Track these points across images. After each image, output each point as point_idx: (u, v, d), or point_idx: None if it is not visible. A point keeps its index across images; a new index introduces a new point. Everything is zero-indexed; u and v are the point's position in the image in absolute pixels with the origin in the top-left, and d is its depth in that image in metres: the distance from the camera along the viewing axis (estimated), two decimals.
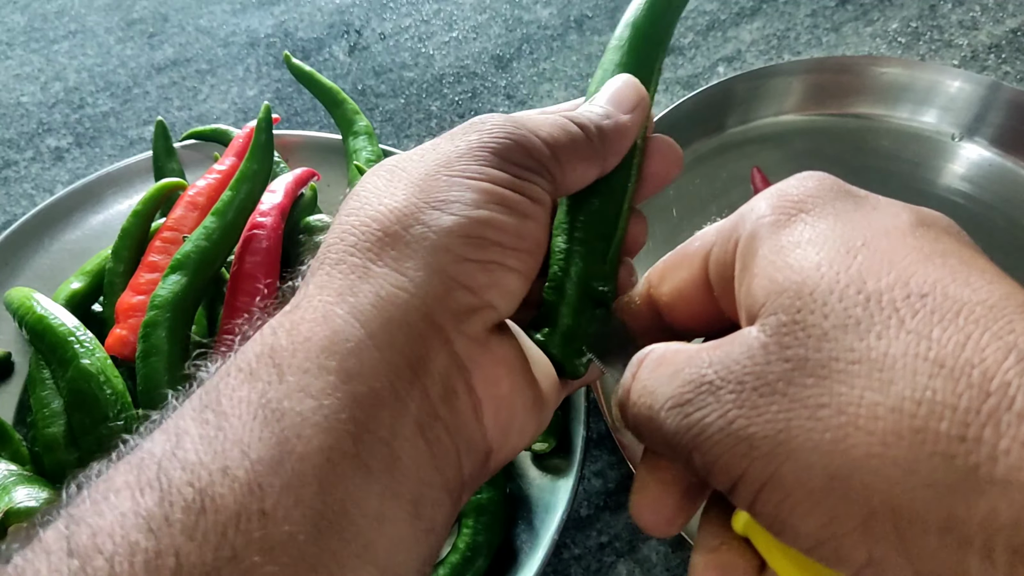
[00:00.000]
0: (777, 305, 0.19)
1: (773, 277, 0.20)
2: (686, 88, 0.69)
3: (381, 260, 0.23)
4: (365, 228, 0.23)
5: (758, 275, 0.20)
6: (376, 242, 0.23)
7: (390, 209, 0.23)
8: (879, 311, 0.18)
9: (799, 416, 0.18)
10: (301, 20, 0.78)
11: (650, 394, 0.21)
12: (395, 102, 0.70)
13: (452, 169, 0.24)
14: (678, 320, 0.25)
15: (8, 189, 0.64)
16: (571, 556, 0.44)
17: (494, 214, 0.24)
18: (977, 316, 0.17)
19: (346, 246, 0.23)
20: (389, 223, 0.23)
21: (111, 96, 0.72)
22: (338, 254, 0.23)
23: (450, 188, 0.24)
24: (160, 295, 0.41)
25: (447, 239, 0.23)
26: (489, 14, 0.77)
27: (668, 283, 0.25)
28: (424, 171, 0.25)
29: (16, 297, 0.47)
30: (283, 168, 0.55)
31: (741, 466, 0.18)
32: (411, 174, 0.25)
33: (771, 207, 0.21)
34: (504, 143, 0.25)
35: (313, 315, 0.22)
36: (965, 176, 0.59)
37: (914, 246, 0.19)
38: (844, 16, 0.74)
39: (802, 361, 0.18)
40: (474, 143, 0.25)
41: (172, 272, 0.42)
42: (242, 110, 0.70)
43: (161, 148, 0.57)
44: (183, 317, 0.41)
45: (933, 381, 0.16)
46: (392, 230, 0.23)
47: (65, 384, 0.42)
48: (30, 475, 0.40)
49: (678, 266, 0.25)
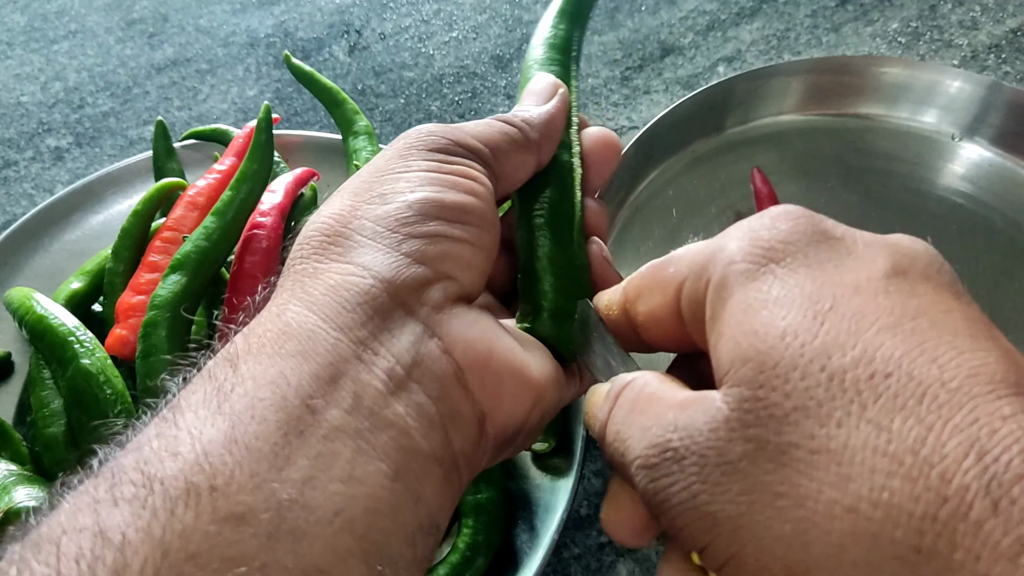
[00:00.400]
0: (741, 376, 0.19)
1: (739, 342, 0.19)
2: (686, 88, 0.69)
3: (327, 258, 0.23)
4: (310, 239, 0.24)
5: (725, 335, 0.20)
6: (319, 245, 0.24)
7: (329, 215, 0.25)
8: (841, 394, 0.17)
9: (760, 501, 0.18)
10: (301, 20, 0.78)
11: (622, 442, 0.21)
12: (395, 102, 0.70)
13: (384, 170, 0.26)
14: (651, 338, 0.25)
15: (8, 189, 0.64)
16: (571, 556, 0.44)
17: (429, 193, 0.25)
18: (941, 402, 0.16)
19: (297, 259, 0.24)
20: (328, 228, 0.24)
21: (111, 96, 0.72)
22: (291, 266, 0.24)
23: (383, 183, 0.25)
24: (160, 295, 0.41)
25: (387, 222, 0.24)
26: (489, 14, 0.77)
27: (643, 304, 0.25)
28: (359, 179, 0.26)
29: (16, 297, 0.47)
30: (283, 168, 0.55)
31: (705, 539, 0.18)
32: (348, 185, 0.26)
33: (742, 252, 0.21)
34: (432, 140, 0.27)
35: (267, 316, 0.22)
36: (965, 176, 0.59)
37: (885, 307, 0.19)
38: (844, 16, 0.74)
39: (763, 443, 0.18)
40: (402, 147, 0.27)
41: (172, 272, 0.42)
42: (242, 110, 0.70)
43: (161, 148, 0.57)
44: (183, 317, 0.41)
45: (891, 481, 0.16)
46: (333, 230, 0.24)
47: (65, 384, 0.42)
48: (30, 475, 0.40)
49: (652, 290, 0.24)
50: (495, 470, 0.41)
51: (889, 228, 0.65)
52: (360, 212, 0.24)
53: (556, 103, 0.30)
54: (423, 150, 0.26)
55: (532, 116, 0.29)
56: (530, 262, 0.29)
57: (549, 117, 0.30)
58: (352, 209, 0.24)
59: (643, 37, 0.74)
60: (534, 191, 0.30)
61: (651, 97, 0.68)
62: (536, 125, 0.29)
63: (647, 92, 0.69)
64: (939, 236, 0.55)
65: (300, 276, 0.24)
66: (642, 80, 0.70)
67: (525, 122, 0.29)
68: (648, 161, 0.60)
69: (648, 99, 0.68)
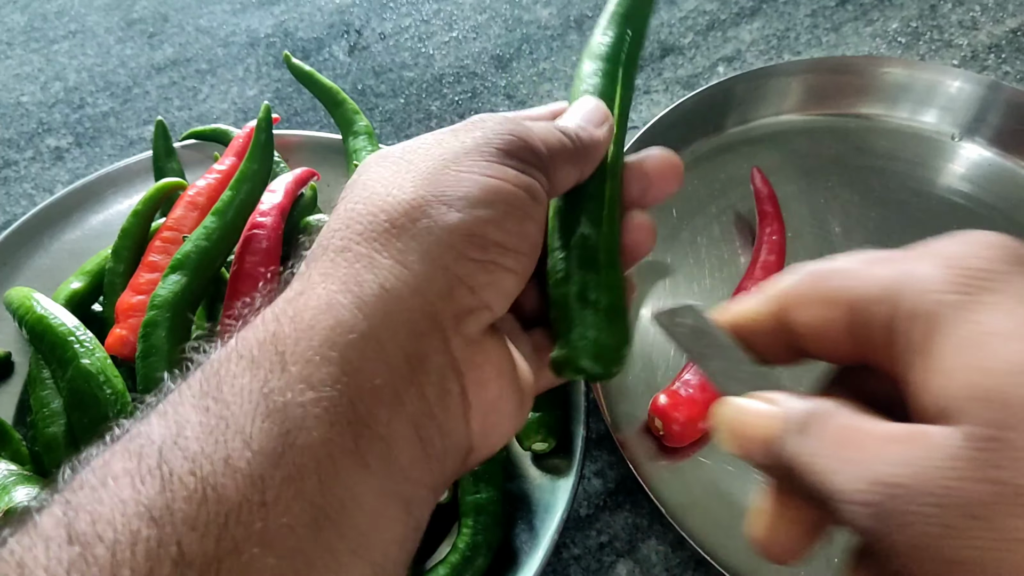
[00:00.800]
0: (979, 416, 0.18)
1: (970, 379, 0.18)
2: (686, 88, 0.69)
3: (386, 251, 0.23)
4: (372, 218, 0.23)
5: (946, 370, 0.19)
6: (383, 233, 0.23)
7: (399, 201, 0.24)
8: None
9: (1006, 548, 0.17)
10: (301, 20, 0.78)
11: (823, 474, 0.20)
12: (395, 102, 0.70)
13: (460, 165, 0.25)
14: (814, 350, 0.24)
15: (8, 189, 0.64)
16: (571, 556, 0.44)
17: (497, 213, 0.24)
18: None
19: (352, 234, 0.23)
20: (396, 215, 0.23)
21: (111, 96, 0.72)
22: (343, 241, 0.23)
23: (458, 184, 0.24)
24: (160, 295, 0.41)
25: (452, 236, 0.23)
26: (489, 14, 0.77)
27: (803, 315, 0.23)
28: (431, 165, 0.25)
29: (16, 297, 0.47)
30: (283, 168, 0.55)
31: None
32: (418, 167, 0.25)
33: (948, 282, 0.20)
34: (509, 140, 0.26)
35: (317, 303, 0.22)
36: (965, 176, 0.59)
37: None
38: (844, 16, 0.74)
39: (1006, 486, 0.17)
40: (480, 139, 0.26)
41: (172, 272, 0.42)
42: (242, 110, 0.70)
43: (161, 148, 0.57)
44: (183, 317, 0.41)
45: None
46: (399, 222, 0.23)
47: (65, 384, 0.42)
48: (30, 475, 0.40)
49: (814, 302, 0.23)
50: (495, 470, 0.41)
51: (889, 228, 0.65)
52: (431, 211, 0.23)
53: (605, 131, 0.30)
54: (499, 151, 0.25)
55: (584, 135, 0.29)
56: (565, 298, 0.28)
57: (598, 142, 0.29)
58: (423, 203, 0.23)
59: None
60: (570, 206, 0.29)
61: (651, 97, 0.68)
62: (586, 144, 0.29)
63: (647, 92, 0.69)
64: (939, 236, 0.55)
65: (355, 260, 0.23)
66: (642, 80, 0.70)
67: (579, 137, 0.28)
68: None
69: (648, 99, 0.68)
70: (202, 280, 0.43)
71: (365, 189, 0.25)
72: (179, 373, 0.22)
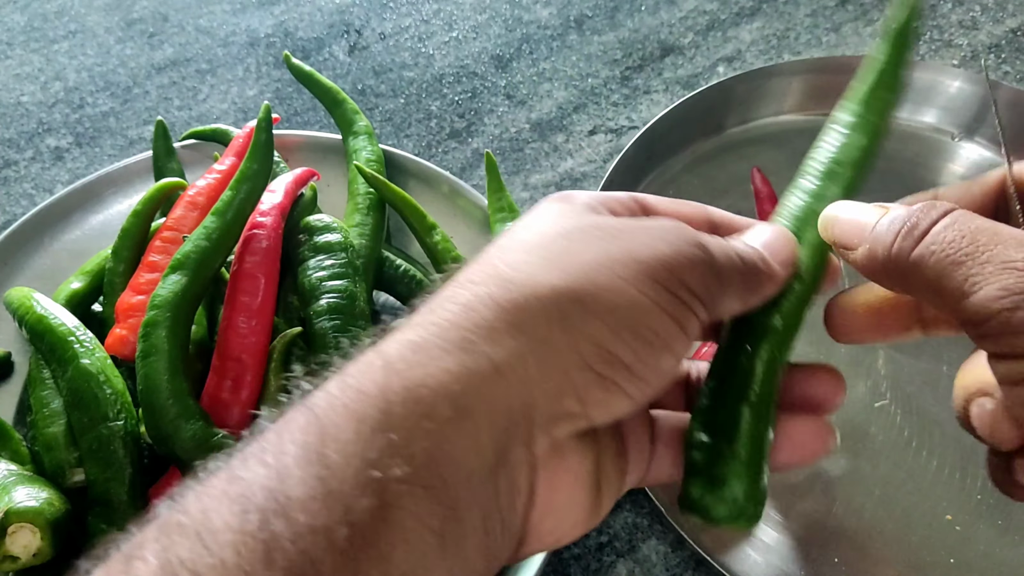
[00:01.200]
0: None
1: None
2: (686, 88, 0.69)
3: (511, 332, 0.22)
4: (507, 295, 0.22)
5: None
6: (514, 311, 0.22)
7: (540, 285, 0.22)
8: None
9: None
10: (301, 20, 0.78)
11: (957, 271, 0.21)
12: (395, 102, 0.70)
13: (619, 270, 0.23)
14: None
15: (8, 189, 0.64)
16: (571, 556, 0.44)
17: (637, 338, 0.22)
18: None
19: (484, 303, 0.22)
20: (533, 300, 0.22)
21: (111, 96, 0.72)
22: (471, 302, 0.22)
23: (609, 291, 0.22)
24: (160, 295, 0.41)
25: (583, 343, 0.22)
26: (489, 14, 0.77)
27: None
28: (590, 259, 0.23)
29: (16, 297, 0.47)
30: (283, 168, 0.55)
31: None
32: (575, 257, 0.23)
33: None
34: (684, 260, 0.23)
35: (428, 362, 0.21)
36: (965, 176, 0.59)
37: None
38: (844, 16, 0.74)
39: None
40: (654, 250, 0.23)
41: (172, 272, 0.42)
42: (242, 110, 0.70)
43: (161, 148, 0.57)
44: (183, 317, 0.41)
45: None
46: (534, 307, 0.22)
47: (65, 384, 0.42)
48: (30, 475, 0.40)
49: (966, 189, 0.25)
50: None
51: None
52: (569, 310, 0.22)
53: (785, 272, 0.27)
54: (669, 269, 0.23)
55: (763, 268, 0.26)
56: (712, 430, 0.26)
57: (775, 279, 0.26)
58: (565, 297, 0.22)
59: (643, 37, 0.74)
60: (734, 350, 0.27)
61: (651, 97, 0.68)
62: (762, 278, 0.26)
63: (647, 92, 0.69)
64: None
65: (476, 329, 0.21)
66: (642, 80, 0.70)
67: (756, 268, 0.26)
68: (648, 161, 0.60)
69: (648, 99, 0.68)
70: (202, 280, 0.43)
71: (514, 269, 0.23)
72: (276, 407, 0.22)
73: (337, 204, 0.54)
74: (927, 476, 0.46)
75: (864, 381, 0.50)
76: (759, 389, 0.26)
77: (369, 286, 0.48)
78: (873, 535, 0.44)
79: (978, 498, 0.45)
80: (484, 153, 0.55)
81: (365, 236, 0.50)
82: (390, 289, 0.52)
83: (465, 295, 0.22)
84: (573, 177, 0.63)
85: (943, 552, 0.43)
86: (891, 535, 0.44)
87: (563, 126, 0.67)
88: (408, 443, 0.19)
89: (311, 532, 0.18)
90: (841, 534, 0.44)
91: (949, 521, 0.44)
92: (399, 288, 0.51)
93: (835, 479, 0.46)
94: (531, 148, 0.65)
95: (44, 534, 0.36)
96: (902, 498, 0.45)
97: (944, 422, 0.48)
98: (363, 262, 0.48)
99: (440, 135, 0.67)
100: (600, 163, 0.64)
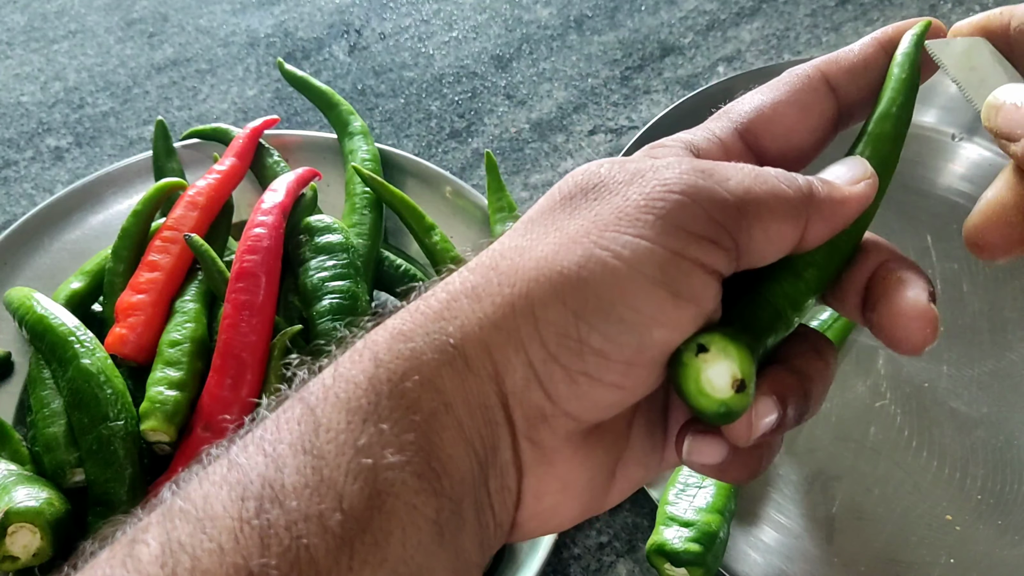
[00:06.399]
0: None
1: None
2: (686, 88, 0.69)
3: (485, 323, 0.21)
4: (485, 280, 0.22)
5: None
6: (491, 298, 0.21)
7: (516, 268, 0.21)
8: None
9: None
10: (301, 20, 0.78)
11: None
12: (395, 102, 0.70)
13: (596, 235, 0.20)
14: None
15: (8, 189, 0.64)
16: (571, 556, 0.44)
17: (607, 320, 0.20)
18: None
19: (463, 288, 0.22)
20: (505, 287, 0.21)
21: (111, 96, 0.72)
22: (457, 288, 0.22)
23: (580, 262, 0.20)
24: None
25: (545, 330, 0.20)
26: (489, 14, 0.77)
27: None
28: (574, 226, 0.21)
29: (16, 297, 0.47)
30: (284, 168, 0.55)
31: None
32: (558, 231, 0.21)
33: None
34: (683, 197, 0.20)
35: (411, 353, 0.21)
36: (965, 176, 0.59)
37: None
38: (844, 16, 0.74)
39: None
40: (639, 198, 0.21)
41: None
42: (242, 110, 0.70)
43: (161, 148, 0.57)
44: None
45: None
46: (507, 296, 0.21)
47: (65, 384, 0.42)
48: (30, 475, 0.40)
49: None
50: None
51: (889, 228, 0.65)
52: (535, 294, 0.20)
53: (859, 191, 0.23)
54: (658, 217, 0.20)
55: (817, 188, 0.22)
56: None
57: (843, 199, 0.23)
58: (534, 279, 0.20)
59: (643, 37, 0.74)
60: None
61: (651, 97, 0.68)
62: (819, 200, 0.22)
63: (647, 92, 0.69)
64: (939, 236, 0.55)
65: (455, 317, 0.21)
66: (642, 80, 0.70)
67: (806, 189, 0.22)
68: None
69: (648, 99, 0.68)
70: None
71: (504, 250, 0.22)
72: (274, 394, 0.22)
73: (337, 204, 0.54)
74: (927, 476, 0.46)
75: (864, 381, 0.50)
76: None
77: (369, 286, 0.48)
78: (872, 535, 0.44)
79: (978, 498, 0.45)
80: (484, 153, 0.55)
81: (363, 235, 0.50)
82: (390, 289, 0.52)
83: (454, 284, 0.22)
84: None
85: (943, 552, 0.43)
86: (890, 535, 0.44)
87: (563, 126, 0.67)
88: (398, 434, 0.20)
89: (304, 519, 0.18)
90: (841, 534, 0.44)
91: (949, 521, 0.44)
92: (399, 288, 0.51)
93: (834, 479, 0.46)
94: (531, 148, 0.65)
95: (44, 534, 0.36)
96: (901, 498, 0.45)
97: (944, 422, 0.48)
98: (363, 262, 0.48)
99: (440, 135, 0.67)
100: None
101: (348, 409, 0.20)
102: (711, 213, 0.21)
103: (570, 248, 0.20)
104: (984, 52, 0.24)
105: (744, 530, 0.44)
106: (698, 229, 0.20)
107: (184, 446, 0.41)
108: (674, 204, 0.20)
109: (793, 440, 0.48)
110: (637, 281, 0.20)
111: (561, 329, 0.20)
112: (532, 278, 0.21)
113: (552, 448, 0.22)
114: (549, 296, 0.20)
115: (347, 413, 0.20)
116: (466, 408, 0.21)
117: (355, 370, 0.21)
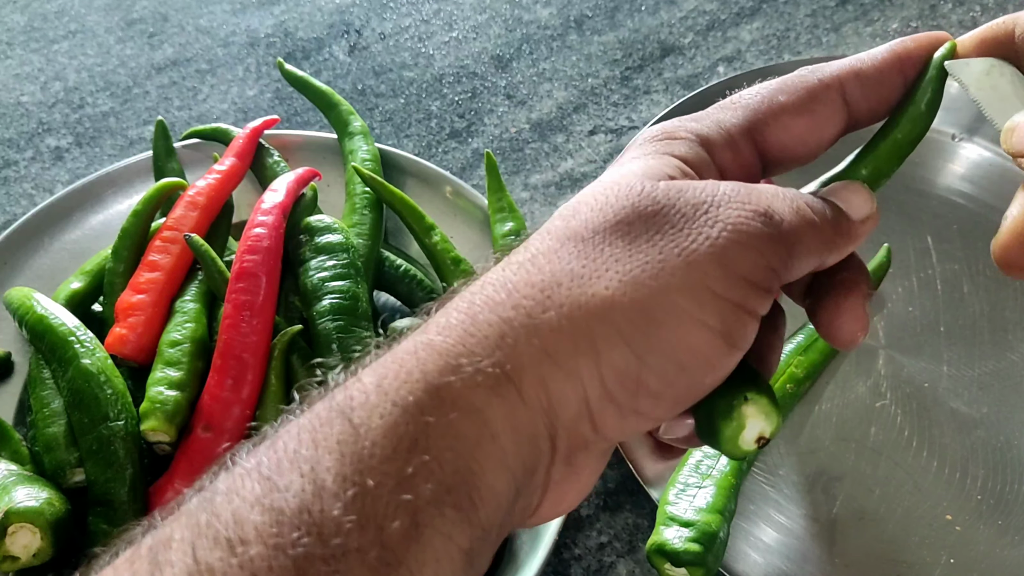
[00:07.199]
0: None
1: None
2: (686, 88, 0.69)
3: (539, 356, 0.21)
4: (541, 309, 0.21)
5: None
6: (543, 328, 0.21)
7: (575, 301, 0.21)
8: None
9: None
10: (301, 20, 0.78)
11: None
12: (395, 102, 0.70)
13: (658, 278, 0.21)
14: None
15: (8, 189, 0.64)
16: (571, 556, 0.44)
17: (668, 363, 0.21)
18: None
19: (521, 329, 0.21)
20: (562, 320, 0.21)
21: (111, 96, 0.72)
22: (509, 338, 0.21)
23: (644, 305, 0.20)
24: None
25: (606, 372, 0.21)
26: (489, 14, 0.77)
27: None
28: (635, 272, 0.21)
29: (16, 297, 0.47)
30: (284, 168, 0.55)
31: None
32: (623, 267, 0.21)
33: None
34: (746, 245, 0.21)
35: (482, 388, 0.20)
36: (965, 176, 0.59)
37: None
38: (844, 16, 0.74)
39: None
40: (713, 244, 0.21)
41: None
42: (242, 110, 0.70)
43: (161, 148, 0.57)
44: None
45: None
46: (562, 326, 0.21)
47: (65, 384, 0.42)
48: (30, 475, 0.40)
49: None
50: None
51: (889, 228, 0.65)
52: (597, 333, 0.20)
53: (865, 227, 0.25)
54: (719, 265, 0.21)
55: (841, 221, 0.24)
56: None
57: (855, 234, 0.24)
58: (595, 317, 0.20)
59: (643, 37, 0.74)
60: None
61: (651, 97, 0.68)
62: (843, 232, 0.24)
63: (647, 92, 0.69)
64: (939, 236, 0.55)
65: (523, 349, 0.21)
66: (642, 80, 0.70)
67: (837, 224, 0.23)
68: None
69: (648, 99, 0.68)
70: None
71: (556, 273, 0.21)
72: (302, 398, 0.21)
73: (337, 204, 0.54)
74: (927, 476, 0.46)
75: (864, 381, 0.50)
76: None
77: (369, 286, 0.48)
78: (873, 535, 0.44)
79: (978, 498, 0.45)
80: (484, 153, 0.55)
81: (363, 235, 0.50)
82: (390, 289, 0.52)
83: (506, 308, 0.21)
84: (573, 177, 0.63)
85: (943, 552, 0.43)
86: (891, 535, 0.44)
87: (563, 126, 0.67)
88: (442, 464, 0.19)
89: (344, 553, 0.18)
90: (841, 534, 0.44)
91: (949, 521, 0.44)
92: (399, 288, 0.51)
93: (835, 479, 0.46)
94: (531, 148, 0.65)
95: (44, 534, 0.36)
96: (902, 498, 0.45)
97: (944, 422, 0.48)
98: (363, 262, 0.48)
99: (440, 135, 0.67)
100: (600, 163, 0.64)
101: (396, 436, 0.19)
102: (771, 263, 0.21)
103: (637, 290, 0.21)
104: (1006, 73, 0.25)
105: (744, 530, 0.44)
106: (758, 279, 0.21)
107: (184, 446, 0.41)
108: (738, 254, 0.21)
109: (794, 440, 0.48)
110: (701, 330, 0.21)
111: (622, 370, 0.21)
112: (596, 316, 0.21)
113: (583, 466, 0.22)
114: (614, 337, 0.21)
115: (394, 440, 0.19)
116: (513, 437, 0.20)
117: (403, 391, 0.20)
